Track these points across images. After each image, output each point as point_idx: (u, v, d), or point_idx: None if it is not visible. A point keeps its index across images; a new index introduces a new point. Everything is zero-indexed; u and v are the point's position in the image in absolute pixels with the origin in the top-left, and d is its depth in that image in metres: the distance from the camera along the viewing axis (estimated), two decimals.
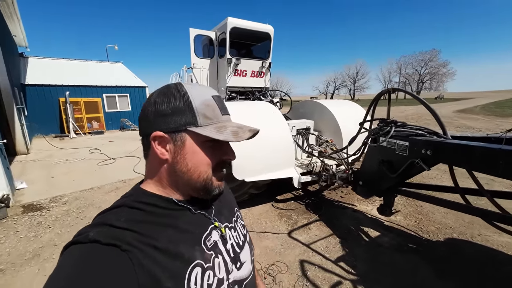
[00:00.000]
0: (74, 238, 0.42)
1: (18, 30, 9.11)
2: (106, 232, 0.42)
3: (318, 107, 4.28)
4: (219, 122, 0.51)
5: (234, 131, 0.50)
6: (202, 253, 0.49)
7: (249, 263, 0.62)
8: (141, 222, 0.46)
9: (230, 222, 0.63)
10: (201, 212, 0.55)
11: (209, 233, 0.54)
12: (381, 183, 2.54)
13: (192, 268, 0.46)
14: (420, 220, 2.94)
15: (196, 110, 0.49)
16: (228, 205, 0.67)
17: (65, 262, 0.39)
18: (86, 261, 0.38)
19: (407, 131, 2.26)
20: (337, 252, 2.39)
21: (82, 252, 0.40)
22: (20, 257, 2.36)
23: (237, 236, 0.62)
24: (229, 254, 0.56)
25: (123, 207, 0.48)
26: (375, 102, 2.73)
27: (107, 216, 0.46)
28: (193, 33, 4.91)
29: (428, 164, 2.00)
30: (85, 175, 4.85)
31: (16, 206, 3.47)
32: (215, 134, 0.48)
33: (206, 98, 0.51)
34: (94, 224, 0.45)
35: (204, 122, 0.49)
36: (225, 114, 0.54)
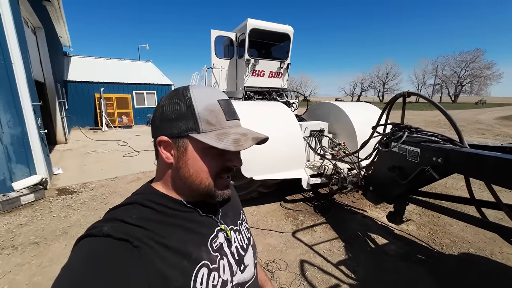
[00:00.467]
0: (87, 232, 0.43)
1: (63, 32, 10.11)
2: (118, 227, 0.43)
3: (334, 109, 4.21)
4: (222, 129, 0.49)
5: (236, 139, 0.48)
6: (208, 254, 0.50)
7: (252, 266, 0.62)
8: (151, 221, 0.47)
9: (235, 225, 0.63)
10: (208, 214, 0.56)
11: (215, 235, 0.55)
12: (392, 189, 2.47)
13: (199, 268, 0.47)
14: (434, 232, 2.79)
15: (198, 115, 0.48)
16: (234, 208, 0.68)
17: (78, 254, 0.41)
18: (99, 254, 0.39)
19: (421, 137, 2.18)
20: (340, 255, 2.37)
21: (95, 245, 0.41)
22: (52, 233, 2.69)
23: (241, 239, 0.62)
24: (233, 257, 0.56)
25: (135, 205, 0.49)
26: (389, 105, 2.65)
27: (119, 212, 0.48)
28: (214, 34, 5.10)
29: (439, 172, 1.92)
30: (112, 165, 5.29)
31: (52, 189, 3.92)
32: (214, 141, 0.47)
33: (210, 102, 0.49)
34: (106, 219, 0.46)
35: (206, 128, 0.48)
36: (231, 119, 0.51)
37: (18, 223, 2.87)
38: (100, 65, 13.18)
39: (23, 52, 3.55)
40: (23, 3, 4.59)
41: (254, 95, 5.34)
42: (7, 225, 2.83)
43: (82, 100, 11.20)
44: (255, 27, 4.74)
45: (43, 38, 6.61)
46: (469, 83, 60.59)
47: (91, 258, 0.39)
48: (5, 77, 3.35)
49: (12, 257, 2.30)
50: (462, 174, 1.93)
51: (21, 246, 2.46)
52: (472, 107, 35.06)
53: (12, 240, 2.55)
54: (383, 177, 2.56)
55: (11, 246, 2.45)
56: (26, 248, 2.43)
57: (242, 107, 3.37)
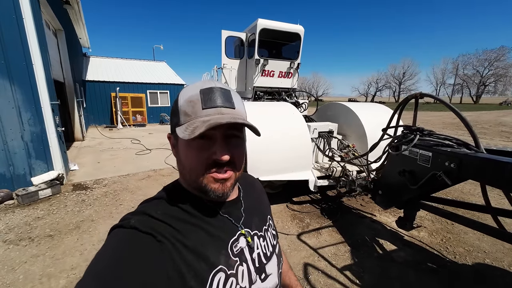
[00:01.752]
0: (119, 222, 0.47)
1: (82, 33, 10.55)
2: (145, 221, 0.46)
3: (345, 110, 4.13)
4: (195, 118, 0.47)
5: (195, 127, 0.45)
6: (227, 258, 0.50)
7: (275, 276, 0.59)
8: (175, 218, 0.48)
9: (260, 230, 0.61)
10: (228, 217, 0.55)
11: (236, 239, 0.54)
12: (401, 194, 2.38)
13: (215, 273, 0.46)
14: (447, 239, 2.66)
15: (180, 108, 0.49)
16: (260, 212, 0.65)
17: (109, 242, 0.44)
18: (126, 244, 0.43)
19: (433, 140, 2.09)
20: (345, 260, 2.32)
21: (123, 235, 0.44)
22: (66, 227, 2.81)
23: (265, 246, 0.60)
24: (254, 264, 0.54)
25: (162, 200, 0.52)
26: (400, 107, 2.56)
27: (148, 206, 0.50)
28: (224, 34, 5.13)
29: (451, 178, 1.83)
30: (124, 163, 5.46)
31: (68, 184, 4.10)
32: (181, 132, 0.46)
33: (191, 94, 0.49)
34: (137, 212, 0.49)
35: (183, 120, 0.48)
36: (208, 107, 0.47)
37: (35, 216, 3.03)
38: (116, 65, 13.65)
39: (43, 53, 3.73)
40: (44, 7, 4.83)
41: (263, 95, 5.33)
42: (26, 217, 2.99)
43: (99, 99, 11.65)
44: (265, 27, 4.72)
45: (63, 40, 6.93)
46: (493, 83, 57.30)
47: (119, 248, 0.42)
48: (26, 77, 3.54)
49: (28, 248, 2.42)
50: (477, 180, 1.83)
51: (37, 238, 2.59)
52: (496, 109, 33.15)
53: (29, 232, 2.69)
54: (392, 181, 2.48)
55: (28, 238, 2.58)
56: (41, 240, 2.56)
57: (249, 108, 3.37)
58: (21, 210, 3.17)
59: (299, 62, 5.32)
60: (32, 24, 3.52)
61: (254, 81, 5.06)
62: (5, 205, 3.32)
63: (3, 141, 3.51)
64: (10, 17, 3.36)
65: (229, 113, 0.49)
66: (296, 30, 5.05)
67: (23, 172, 3.67)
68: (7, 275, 2.06)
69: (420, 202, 2.36)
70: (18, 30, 3.43)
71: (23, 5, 3.43)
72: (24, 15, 3.45)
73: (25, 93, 3.56)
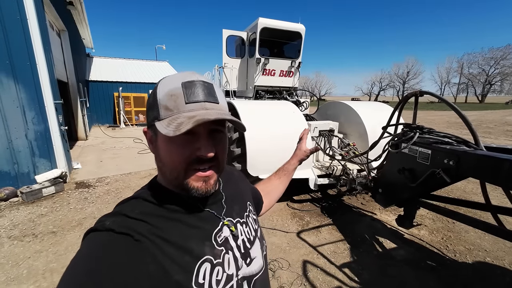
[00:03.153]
0: (94, 225, 0.45)
1: (86, 34, 10.64)
2: (120, 221, 0.44)
3: (346, 109, 4.12)
4: (178, 113, 0.45)
5: (179, 123, 0.43)
6: (212, 248, 0.50)
7: (260, 259, 0.60)
8: (154, 215, 0.47)
9: (242, 217, 0.62)
10: (210, 210, 0.55)
11: (220, 229, 0.54)
12: (401, 192, 2.38)
13: (201, 264, 0.46)
14: (448, 238, 2.65)
15: (159, 102, 0.47)
16: (241, 200, 0.66)
17: (83, 248, 0.43)
18: (100, 247, 0.41)
19: (433, 138, 2.08)
20: (344, 258, 2.32)
21: (98, 239, 0.43)
22: (68, 224, 2.86)
23: (248, 232, 0.60)
24: (239, 250, 0.55)
25: (139, 199, 0.50)
26: (400, 105, 2.55)
27: (124, 206, 0.49)
28: (226, 34, 5.15)
29: (450, 176, 1.82)
30: (127, 161, 5.51)
31: (71, 182, 4.16)
32: (163, 128, 0.44)
33: (172, 87, 0.47)
34: (112, 214, 0.48)
35: (164, 115, 0.46)
36: (192, 101, 0.46)
37: (39, 213, 3.08)
38: (119, 65, 13.75)
39: (46, 54, 3.78)
40: (48, 8, 4.89)
41: (264, 94, 5.34)
42: (30, 214, 3.05)
43: (102, 99, 11.75)
44: (266, 26, 4.73)
45: (67, 40, 7.01)
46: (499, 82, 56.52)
47: (93, 253, 0.41)
48: (30, 77, 3.60)
49: (32, 244, 2.47)
50: (476, 178, 1.82)
51: (41, 234, 2.64)
52: (502, 108, 32.70)
53: (33, 229, 2.74)
54: (392, 179, 2.48)
55: (31, 234, 2.63)
56: (44, 236, 2.61)
57: (249, 106, 3.39)
58: (25, 207, 3.23)
59: (300, 61, 5.31)
60: (36, 25, 3.58)
61: (255, 80, 5.07)
62: (10, 202, 3.38)
63: (8, 139, 3.57)
64: (15, 18, 3.42)
65: (213, 108, 0.48)
66: (297, 29, 5.04)
67: (27, 170, 3.73)
68: (11, 269, 2.10)
69: (420, 200, 2.35)
70: (23, 31, 3.49)
71: (27, 6, 3.49)
72: (28, 15, 3.50)
73: (29, 93, 3.62)
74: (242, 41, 5.39)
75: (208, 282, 0.46)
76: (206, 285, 0.45)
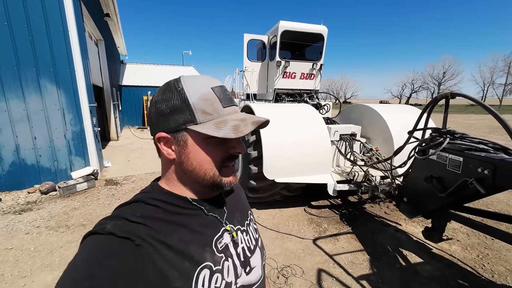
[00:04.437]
0: (93, 229, 0.45)
1: (120, 42, 11.53)
2: (121, 225, 0.44)
3: (369, 112, 3.93)
4: (220, 117, 0.48)
5: (235, 125, 0.47)
6: (212, 255, 0.49)
7: (259, 269, 0.60)
8: (155, 219, 0.47)
9: (242, 225, 0.62)
10: (213, 214, 0.55)
11: (220, 235, 0.54)
12: (428, 202, 2.20)
13: (200, 270, 0.46)
14: (485, 256, 2.38)
15: (193, 106, 0.47)
16: (241, 208, 0.67)
17: (82, 251, 0.42)
18: (101, 252, 0.41)
19: (465, 144, 1.90)
20: (363, 269, 2.19)
21: (98, 242, 0.42)
22: (96, 218, 3.08)
23: (249, 240, 0.61)
24: (239, 258, 0.55)
25: (140, 203, 0.49)
26: (429, 108, 2.37)
27: (125, 210, 0.48)
28: (247, 38, 5.22)
29: (485, 186, 1.64)
30: (152, 161, 5.81)
31: (101, 179, 4.49)
32: (213, 131, 0.46)
33: (204, 91, 0.48)
34: (112, 217, 0.47)
35: (203, 119, 0.47)
36: (227, 105, 0.50)
37: (72, 207, 3.37)
38: (148, 70, 14.62)
39: (84, 61, 4.16)
40: (87, 20, 5.39)
41: (285, 97, 5.31)
42: (64, 207, 3.34)
43: (133, 102, 12.58)
44: (287, 29, 4.71)
45: (103, 48, 7.65)
46: None
47: (93, 257, 0.40)
48: (69, 82, 3.98)
49: (65, 235, 2.70)
50: None
51: (73, 226, 2.88)
52: None
53: (66, 221, 3.00)
54: (419, 187, 2.30)
55: (65, 226, 2.88)
56: (76, 228, 2.84)
57: (266, 109, 3.39)
58: (62, 201, 3.55)
59: (322, 63, 5.19)
60: (75, 36, 3.95)
61: (275, 83, 5.06)
62: (50, 195, 3.74)
63: (50, 139, 3.97)
64: (58, 29, 3.82)
65: (237, 110, 0.53)
66: (319, 30, 4.95)
67: (64, 167, 4.11)
68: (46, 257, 2.32)
69: (451, 212, 2.15)
70: (64, 41, 3.88)
71: (69, 19, 3.87)
72: (70, 27, 3.89)
73: (68, 97, 4.00)
74: (263, 45, 5.43)
75: None
76: None
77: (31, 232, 2.73)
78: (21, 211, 3.23)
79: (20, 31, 3.60)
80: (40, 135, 3.91)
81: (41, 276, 2.08)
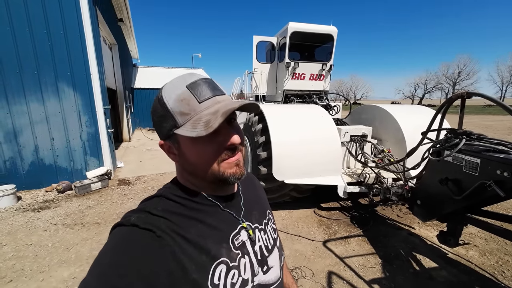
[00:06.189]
0: (120, 220, 0.48)
1: (133, 46, 11.87)
2: (144, 218, 0.47)
3: (381, 113, 3.86)
4: (196, 114, 0.47)
5: (207, 121, 0.45)
6: (228, 251, 0.50)
7: (277, 269, 0.60)
8: (175, 213, 0.49)
9: (260, 224, 0.62)
10: (229, 211, 0.56)
11: (237, 232, 0.54)
12: (444, 205, 2.13)
13: (217, 265, 0.47)
14: (505, 262, 2.27)
15: (172, 111, 0.48)
16: (260, 207, 0.67)
17: (110, 241, 0.46)
18: (126, 241, 0.44)
19: (483, 145, 1.84)
20: (374, 273, 2.15)
21: (123, 233, 0.46)
22: (110, 216, 3.17)
23: (266, 239, 0.61)
24: (256, 256, 0.55)
25: (161, 197, 0.52)
26: (444, 108, 2.30)
27: (148, 204, 0.51)
28: (256, 40, 5.25)
29: (505, 189, 1.58)
30: (163, 162, 5.91)
31: (114, 179, 4.62)
32: (190, 131, 0.46)
33: (178, 92, 0.48)
34: (137, 210, 0.50)
35: (182, 120, 0.47)
36: (205, 99, 0.48)
37: (87, 205, 3.48)
38: (159, 73, 14.97)
39: (99, 65, 4.31)
40: (102, 25, 5.59)
41: (294, 98, 5.29)
42: (80, 206, 3.46)
43: (145, 104, 12.89)
44: (296, 30, 4.71)
45: (116, 52, 7.90)
46: None
47: (119, 246, 0.44)
48: (85, 85, 4.13)
49: (80, 232, 2.80)
50: None
51: (88, 224, 2.97)
52: None
53: (82, 219, 3.10)
54: (433, 190, 2.23)
55: (80, 223, 2.98)
56: (91, 226, 2.93)
57: (275, 110, 3.38)
58: (77, 199, 3.68)
59: (332, 64, 5.15)
60: (91, 41, 4.11)
61: (284, 85, 5.06)
62: (66, 194, 3.89)
63: (67, 140, 4.13)
64: (75, 35, 3.98)
65: (224, 99, 0.50)
66: (329, 31, 4.91)
67: (80, 167, 4.25)
68: (63, 253, 2.41)
69: (467, 216, 2.07)
70: (81, 46, 4.04)
71: (85, 25, 4.03)
72: (86, 33, 4.05)
73: (84, 99, 4.15)
74: (272, 46, 5.44)
75: (223, 284, 0.47)
76: (221, 286, 0.46)
77: (48, 229, 2.85)
78: (40, 209, 3.37)
79: (40, 36, 3.78)
80: (57, 136, 4.07)
81: (59, 271, 2.16)
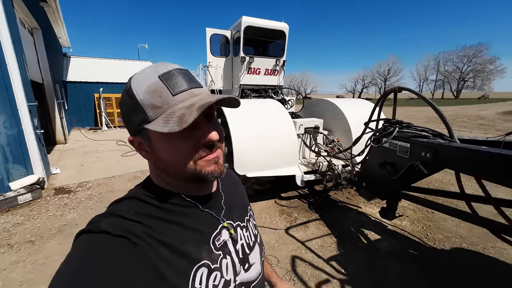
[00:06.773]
0: (86, 227, 0.43)
1: (62, 33, 10.12)
2: (116, 223, 0.42)
3: (330, 106, 4.20)
4: (169, 108, 0.43)
5: (181, 116, 0.41)
6: (209, 253, 0.48)
7: (258, 265, 0.59)
8: (149, 216, 0.45)
9: (242, 221, 0.60)
10: (209, 211, 0.53)
11: (218, 232, 0.52)
12: (384, 185, 2.47)
13: (197, 268, 0.45)
14: (428, 227, 2.78)
15: (142, 103, 0.43)
16: (241, 203, 0.65)
17: (76, 250, 0.40)
18: (96, 251, 0.39)
19: (411, 132, 2.17)
20: (331, 251, 2.38)
21: (92, 241, 0.40)
22: (47, 232, 2.72)
23: (248, 237, 0.59)
24: (238, 255, 0.54)
25: (133, 199, 0.48)
26: (380, 101, 2.64)
27: (118, 206, 0.47)
28: (209, 32, 5.09)
29: (428, 167, 1.91)
30: (110, 164, 5.32)
31: (49, 188, 3.95)
32: (162, 126, 0.41)
33: (149, 83, 0.43)
34: (106, 214, 0.45)
35: (154, 114, 0.43)
36: (180, 91, 0.43)
37: (14, 222, 2.91)
38: (99, 65, 13.19)
39: (17, 53, 3.57)
40: (18, 4, 4.60)
41: (250, 93, 5.34)
42: (4, 224, 2.87)
43: (82, 101, 11.24)
44: (250, 25, 4.73)
45: (40, 39, 6.64)
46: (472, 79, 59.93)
47: (88, 256, 0.38)
48: (0, 78, 3.37)
49: (7, 255, 2.33)
50: (451, 169, 1.92)
51: (17, 244, 2.49)
52: (475, 103, 34.72)
53: (8, 239, 2.58)
54: (375, 173, 2.56)
55: (6, 245, 2.48)
56: (21, 246, 2.46)
57: None
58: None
59: (285, 60, 5.36)
60: (4, 22, 3.36)
61: (240, 79, 5.06)
62: None
63: None
64: None
65: (201, 92, 0.46)
66: (281, 27, 5.08)
67: (0, 177, 3.50)
68: None
69: (402, 192, 2.45)
70: None
71: None
72: None
73: None
74: (226, 40, 5.36)
75: (205, 287, 0.44)
76: None
77: None
78: None
79: None
80: None
81: None
